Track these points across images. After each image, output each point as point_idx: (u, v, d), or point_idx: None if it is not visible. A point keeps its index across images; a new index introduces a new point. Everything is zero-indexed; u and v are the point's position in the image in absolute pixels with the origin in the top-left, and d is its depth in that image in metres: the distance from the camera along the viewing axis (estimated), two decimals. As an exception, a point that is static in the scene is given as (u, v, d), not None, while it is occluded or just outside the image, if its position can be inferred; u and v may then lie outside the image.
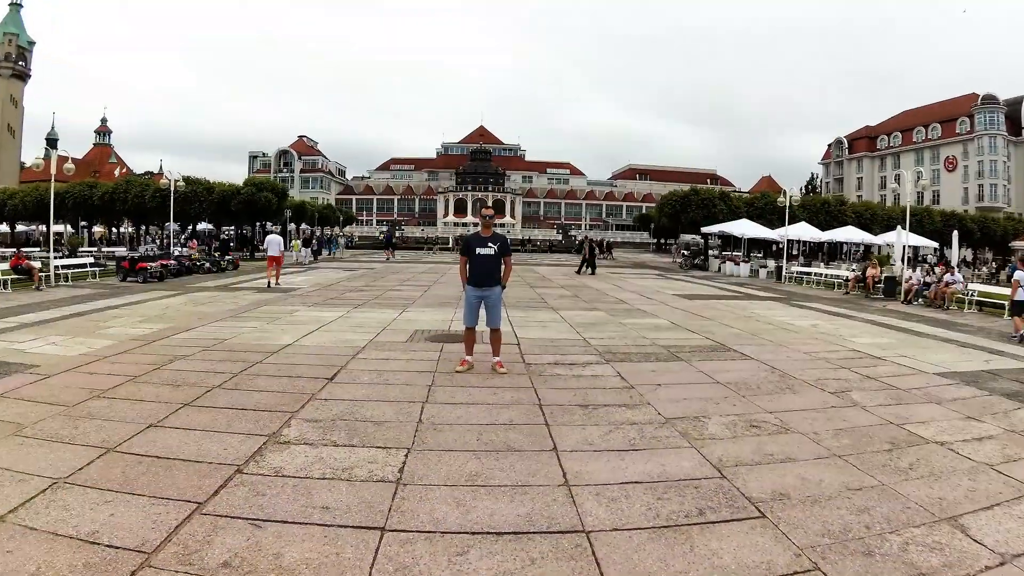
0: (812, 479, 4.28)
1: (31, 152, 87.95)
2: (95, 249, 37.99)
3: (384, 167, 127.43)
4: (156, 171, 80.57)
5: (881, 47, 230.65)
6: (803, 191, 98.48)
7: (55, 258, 20.94)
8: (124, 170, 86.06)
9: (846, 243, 43.49)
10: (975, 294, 17.64)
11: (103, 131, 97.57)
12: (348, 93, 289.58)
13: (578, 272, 29.01)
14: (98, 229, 58.96)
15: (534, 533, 3.47)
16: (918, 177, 25.55)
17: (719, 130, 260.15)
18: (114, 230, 56.72)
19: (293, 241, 36.06)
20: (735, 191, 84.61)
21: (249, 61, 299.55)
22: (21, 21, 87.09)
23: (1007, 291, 14.27)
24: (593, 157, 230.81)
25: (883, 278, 21.59)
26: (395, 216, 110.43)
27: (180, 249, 23.01)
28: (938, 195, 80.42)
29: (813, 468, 4.49)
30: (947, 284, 18.25)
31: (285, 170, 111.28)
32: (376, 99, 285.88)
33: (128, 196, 42.97)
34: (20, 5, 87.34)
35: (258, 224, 51.09)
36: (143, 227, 54.88)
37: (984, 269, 40.48)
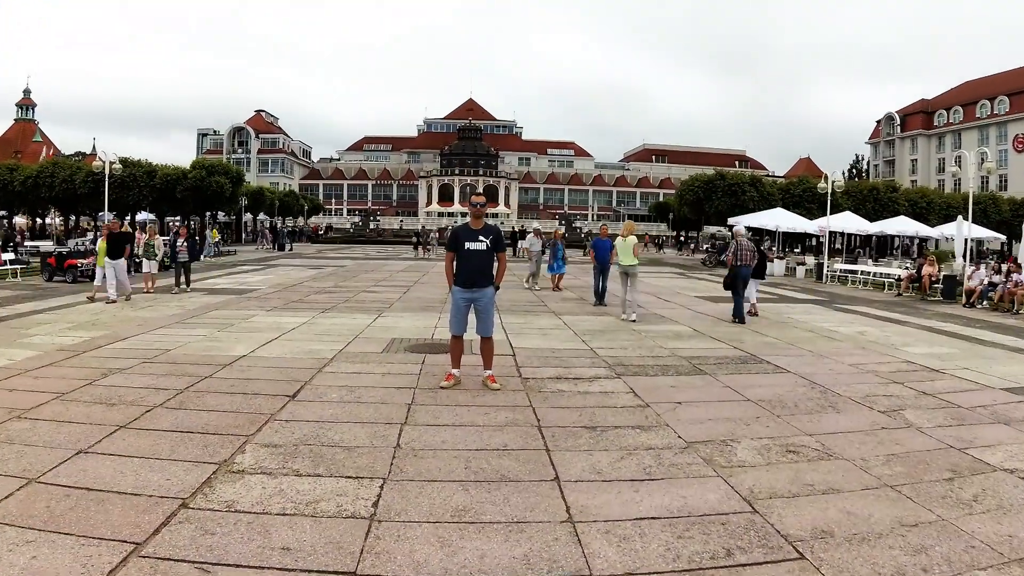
0: (860, 513, 4.28)
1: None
2: (16, 243, 37.82)
3: (356, 147, 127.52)
4: (88, 152, 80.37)
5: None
6: (847, 175, 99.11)
7: (-32, 254, 20.83)
8: (51, 151, 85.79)
9: (898, 236, 43.72)
10: (1049, 296, 17.72)
11: (26, 104, 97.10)
12: (313, 60, 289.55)
13: None
14: (20, 220, 58.75)
15: (533, 578, 3.45)
16: (982, 159, 25.62)
17: (747, 99, 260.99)
18: (39, 221, 56.53)
19: (153, 239, 18.77)
20: (768, 175, 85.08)
21: (197, 24, 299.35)
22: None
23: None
24: (602, 136, 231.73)
25: (941, 277, 21.66)
26: (369, 204, 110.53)
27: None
28: (1005, 180, 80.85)
29: (861, 500, 4.49)
30: (1016, 284, 18.32)
31: (240, 150, 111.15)
32: (346, 67, 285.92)
33: (55, 181, 42.88)
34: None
35: (208, 214, 51.02)
36: (72, 217, 54.70)
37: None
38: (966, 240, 24.60)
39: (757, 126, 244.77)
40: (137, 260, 20.05)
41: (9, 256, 23.59)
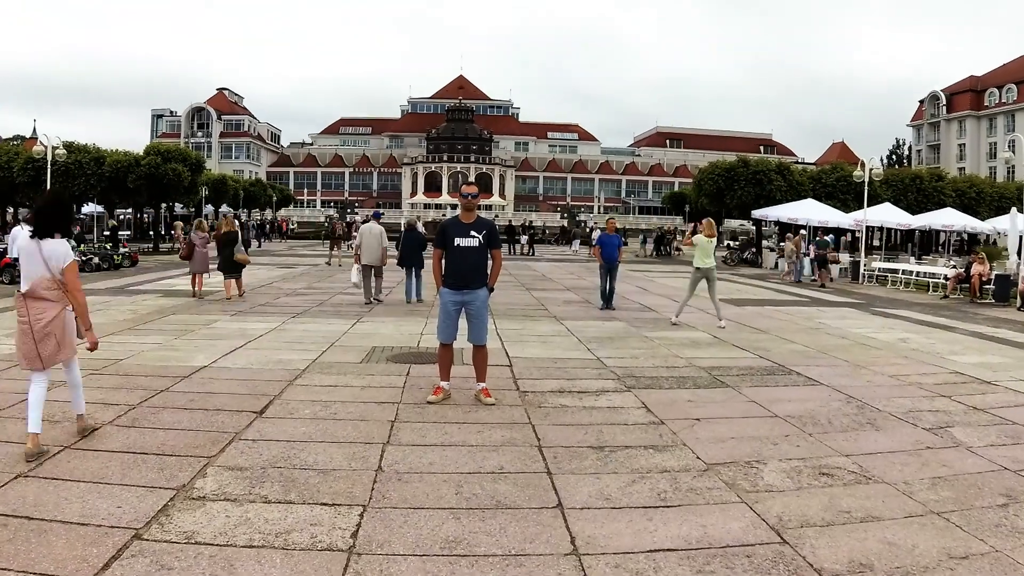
0: (902, 544, 4.29)
1: None
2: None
3: (332, 130, 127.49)
4: (28, 135, 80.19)
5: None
6: (886, 162, 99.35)
7: None
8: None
9: (944, 231, 43.79)
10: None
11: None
12: (283, 32, 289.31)
13: None
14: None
15: (533, 618, 3.45)
16: (1038, 143, 25.68)
17: (774, 73, 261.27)
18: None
19: None
20: (797, 162, 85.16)
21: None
22: None
23: None
24: (609, 118, 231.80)
25: (993, 277, 21.71)
26: (346, 195, 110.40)
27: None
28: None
29: (903, 529, 4.50)
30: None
31: (200, 134, 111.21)
32: (321, 40, 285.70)
33: (-10, 168, 42.73)
34: None
35: (164, 206, 50.95)
36: (9, 209, 54.54)
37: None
38: (1021, 235, 24.59)
39: (783, 104, 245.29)
40: None
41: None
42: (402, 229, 17.77)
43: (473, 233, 7.41)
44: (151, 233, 47.92)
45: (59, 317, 5.64)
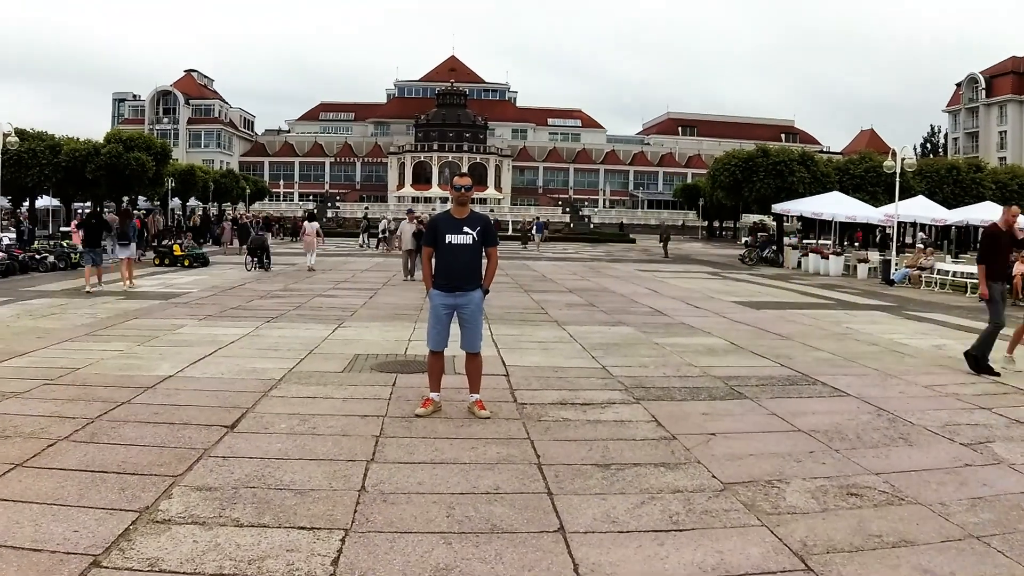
0: (939, 571, 4.28)
1: None
2: None
3: (311, 115, 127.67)
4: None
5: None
6: (919, 151, 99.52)
7: None
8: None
9: (983, 227, 43.85)
10: None
11: None
12: (257, 8, 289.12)
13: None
14: None
15: (532, 654, 3.44)
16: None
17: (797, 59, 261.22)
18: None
19: None
20: (822, 151, 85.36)
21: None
22: None
23: None
24: (616, 103, 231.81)
25: (1037, 278, 21.74)
26: (327, 187, 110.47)
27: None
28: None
29: (940, 555, 4.49)
30: None
31: (166, 120, 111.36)
32: (298, 15, 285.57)
33: (-66, 158, 42.63)
34: None
35: (126, 199, 50.85)
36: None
37: None
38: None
39: (807, 87, 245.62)
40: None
41: None
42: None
43: (467, 229, 7.37)
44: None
45: (313, 241, 29.01)
